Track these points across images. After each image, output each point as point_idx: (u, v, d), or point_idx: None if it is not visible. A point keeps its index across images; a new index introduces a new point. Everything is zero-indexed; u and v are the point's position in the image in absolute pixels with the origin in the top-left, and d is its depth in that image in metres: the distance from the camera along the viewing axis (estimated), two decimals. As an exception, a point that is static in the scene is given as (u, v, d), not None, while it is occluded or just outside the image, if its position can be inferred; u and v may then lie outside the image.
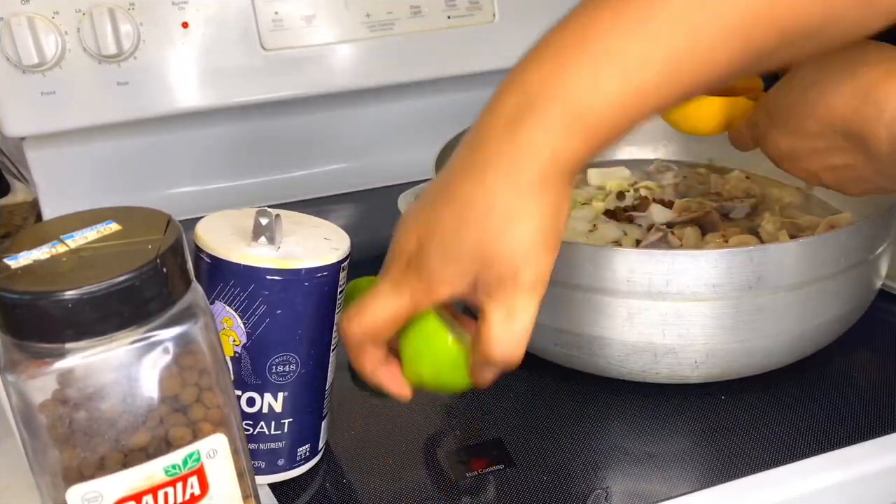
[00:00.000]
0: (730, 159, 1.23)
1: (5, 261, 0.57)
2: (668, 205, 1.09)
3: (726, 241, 1.01)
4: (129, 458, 0.59)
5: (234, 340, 0.75)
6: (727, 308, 0.85)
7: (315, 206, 1.36)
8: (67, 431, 0.58)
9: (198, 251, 0.75)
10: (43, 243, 0.59)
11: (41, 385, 0.57)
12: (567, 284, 0.87)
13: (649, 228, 1.04)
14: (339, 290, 0.78)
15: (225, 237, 0.75)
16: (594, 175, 1.21)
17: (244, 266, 0.73)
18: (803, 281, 0.85)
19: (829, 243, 0.86)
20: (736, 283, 0.83)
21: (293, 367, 0.77)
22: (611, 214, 1.08)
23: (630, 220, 1.07)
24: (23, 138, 1.26)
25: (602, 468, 0.83)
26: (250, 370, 0.76)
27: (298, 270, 0.74)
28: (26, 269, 0.56)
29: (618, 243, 1.02)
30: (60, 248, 0.58)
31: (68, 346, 0.55)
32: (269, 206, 0.76)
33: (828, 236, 0.86)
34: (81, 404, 0.58)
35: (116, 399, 0.58)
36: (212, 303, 0.74)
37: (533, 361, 0.95)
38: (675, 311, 0.85)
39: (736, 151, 1.17)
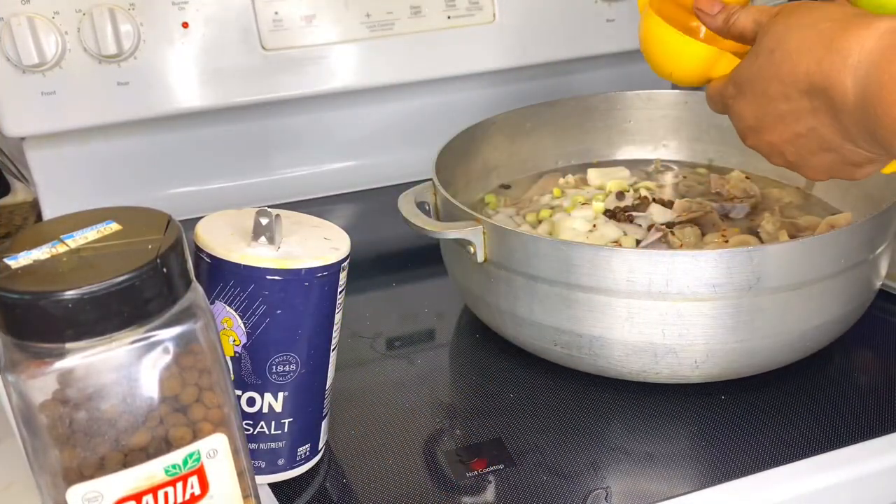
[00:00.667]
0: (730, 159, 1.23)
1: (5, 261, 0.57)
2: (668, 205, 1.09)
3: (726, 241, 1.01)
4: (130, 457, 0.59)
5: (235, 340, 0.75)
6: (727, 308, 0.85)
7: (315, 205, 1.37)
8: (68, 431, 0.58)
9: (198, 251, 0.75)
10: (43, 243, 0.59)
11: (41, 385, 0.57)
12: (567, 284, 0.87)
13: (649, 228, 1.04)
14: (339, 289, 0.78)
15: (225, 237, 0.75)
16: (594, 175, 1.21)
17: (244, 266, 0.73)
18: (803, 281, 0.85)
19: (828, 243, 0.86)
20: (736, 283, 0.83)
21: (293, 367, 0.77)
22: (611, 214, 1.08)
23: (630, 220, 1.07)
24: (23, 138, 1.26)
25: (602, 468, 0.83)
26: (250, 370, 0.76)
27: (298, 270, 0.74)
28: (26, 269, 0.56)
29: (618, 243, 1.02)
30: (61, 248, 0.58)
31: (68, 346, 0.55)
32: (269, 206, 0.76)
33: (827, 236, 0.86)
34: (82, 404, 0.58)
35: (117, 399, 0.58)
36: (212, 303, 0.74)
37: (533, 361, 0.95)
38: (675, 311, 0.85)
39: (736, 151, 1.18)
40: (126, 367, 0.58)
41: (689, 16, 0.89)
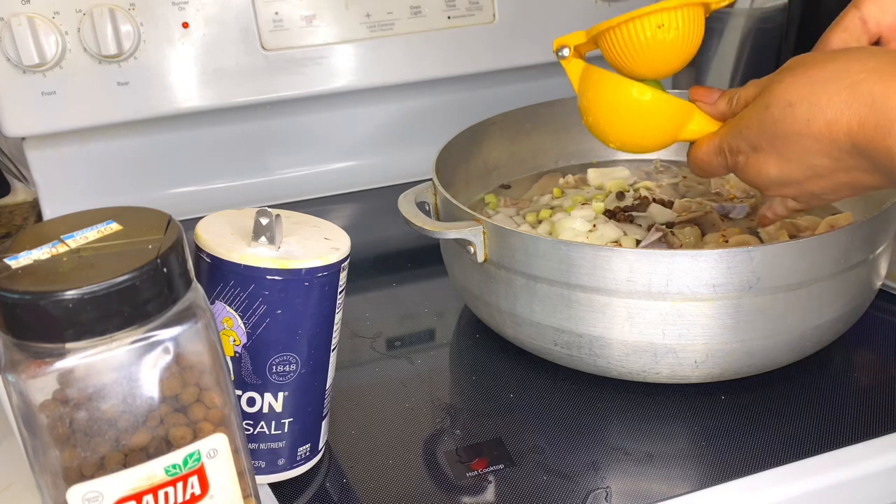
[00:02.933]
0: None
1: (6, 261, 0.57)
2: (668, 205, 1.09)
3: (726, 241, 1.01)
4: (130, 457, 0.59)
5: (235, 340, 0.75)
6: (727, 308, 0.85)
7: (315, 205, 1.37)
8: (68, 431, 0.58)
9: (198, 251, 0.75)
10: (43, 243, 0.59)
11: (42, 385, 0.57)
12: (567, 284, 0.87)
13: (649, 228, 1.04)
14: (340, 289, 0.78)
15: (225, 237, 0.75)
16: (594, 175, 1.21)
17: (244, 266, 0.73)
18: (803, 281, 0.85)
19: (828, 243, 0.86)
20: (736, 283, 0.83)
21: (293, 366, 0.77)
22: (611, 214, 1.08)
23: (630, 221, 1.07)
24: (23, 138, 1.26)
25: (602, 468, 0.83)
26: (250, 370, 0.76)
27: (299, 270, 0.74)
28: (27, 269, 0.56)
29: (618, 243, 1.02)
30: (61, 248, 0.58)
31: (69, 345, 0.55)
32: (270, 206, 0.76)
33: (827, 236, 0.86)
34: (82, 404, 0.58)
35: (117, 399, 0.58)
36: (212, 303, 0.74)
37: (533, 361, 0.95)
38: (675, 311, 0.85)
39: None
40: (126, 367, 0.58)
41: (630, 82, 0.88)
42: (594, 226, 1.04)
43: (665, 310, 0.85)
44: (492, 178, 1.22)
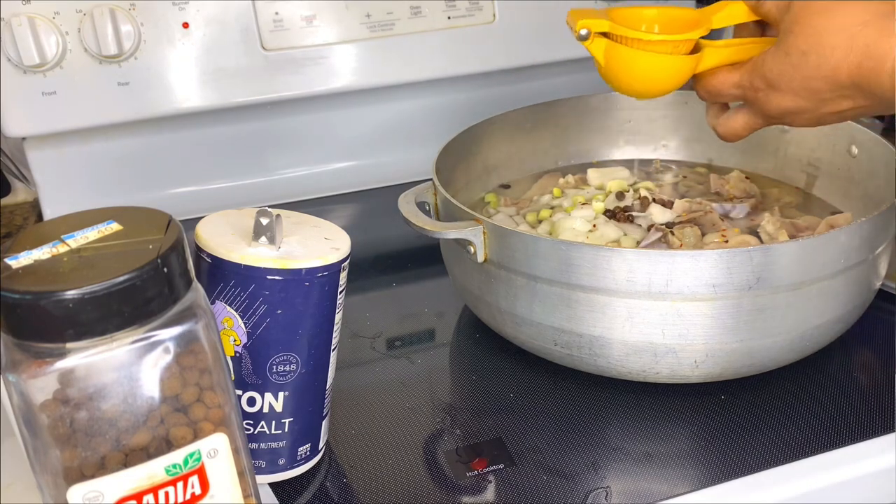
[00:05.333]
0: (729, 159, 1.24)
1: (6, 260, 0.57)
2: (668, 205, 1.09)
3: (726, 242, 1.01)
4: (130, 457, 0.59)
5: (235, 340, 0.75)
6: (727, 308, 0.85)
7: (315, 205, 1.37)
8: (68, 431, 0.58)
9: (198, 251, 0.75)
10: (44, 243, 0.59)
11: (42, 385, 0.57)
12: (567, 284, 0.87)
13: (649, 228, 1.04)
14: (340, 289, 0.78)
15: (225, 237, 0.75)
16: (594, 175, 1.21)
17: (245, 266, 0.73)
18: (803, 281, 0.85)
19: (828, 243, 0.86)
20: (736, 284, 0.83)
21: (294, 366, 0.77)
22: (611, 215, 1.08)
23: (630, 221, 1.07)
24: (24, 138, 1.26)
25: (602, 467, 0.84)
26: (251, 370, 0.76)
27: (299, 270, 0.74)
28: (27, 269, 0.56)
29: (618, 243, 1.02)
30: (61, 248, 0.58)
31: (69, 345, 0.56)
32: (270, 206, 0.77)
33: (827, 236, 0.86)
34: (82, 404, 0.58)
35: (117, 399, 0.58)
36: (212, 303, 0.74)
37: (533, 361, 0.95)
38: (675, 311, 0.85)
39: (735, 151, 1.18)
40: (127, 367, 0.58)
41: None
42: (594, 226, 1.05)
43: (665, 310, 0.85)
44: (491, 178, 1.22)
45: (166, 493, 0.61)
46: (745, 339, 0.87)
